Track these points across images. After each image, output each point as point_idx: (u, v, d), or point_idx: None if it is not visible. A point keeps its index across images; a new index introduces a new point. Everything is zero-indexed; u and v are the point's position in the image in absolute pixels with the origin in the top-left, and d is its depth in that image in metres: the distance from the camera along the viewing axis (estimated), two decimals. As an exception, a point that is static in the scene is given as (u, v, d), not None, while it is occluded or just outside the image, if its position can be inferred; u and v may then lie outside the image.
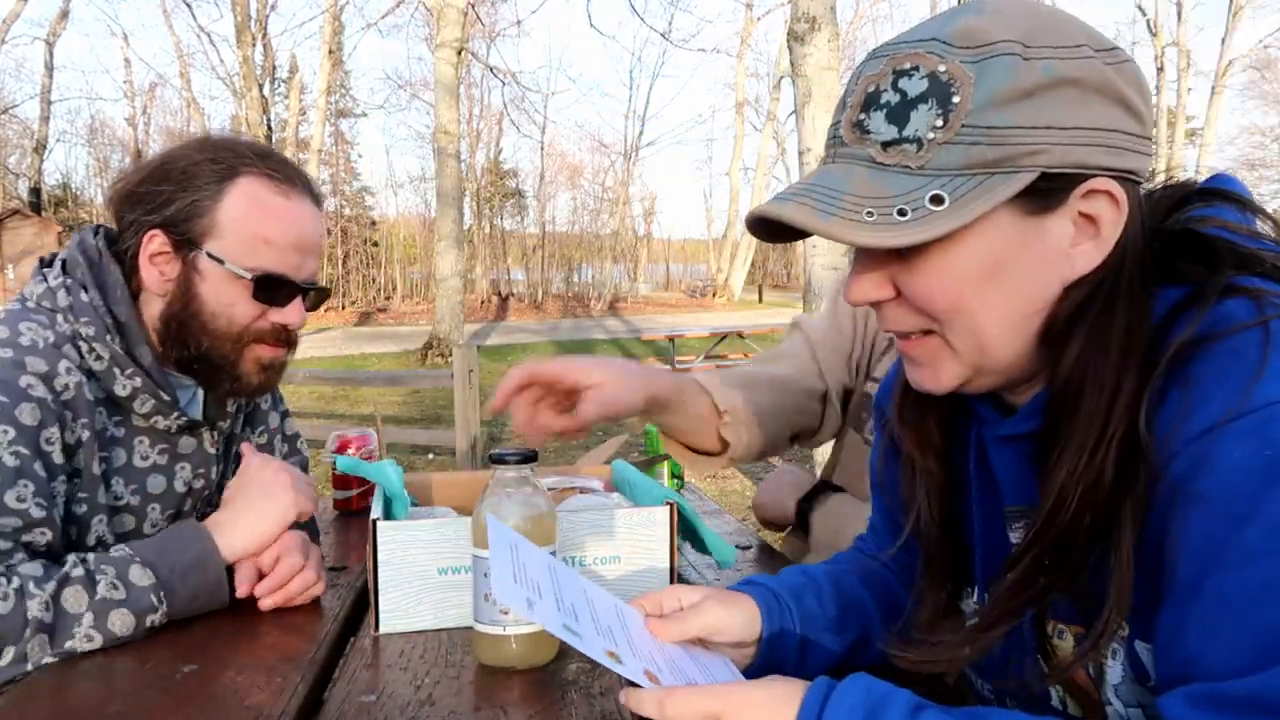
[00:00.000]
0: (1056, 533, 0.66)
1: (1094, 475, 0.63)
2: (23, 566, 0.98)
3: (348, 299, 25.38)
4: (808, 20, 5.81)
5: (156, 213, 1.14)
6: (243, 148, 1.19)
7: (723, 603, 0.84)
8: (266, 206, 1.16)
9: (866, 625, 0.91)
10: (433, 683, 0.90)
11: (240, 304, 1.16)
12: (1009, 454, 0.76)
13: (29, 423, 1.02)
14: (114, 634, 0.98)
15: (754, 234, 0.73)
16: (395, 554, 1.02)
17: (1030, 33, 0.63)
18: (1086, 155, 0.63)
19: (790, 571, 0.94)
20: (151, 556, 1.03)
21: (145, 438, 1.19)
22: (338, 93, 27.41)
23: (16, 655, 0.93)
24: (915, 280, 0.67)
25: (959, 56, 0.63)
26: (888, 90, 0.65)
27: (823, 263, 5.97)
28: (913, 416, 0.83)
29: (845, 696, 0.64)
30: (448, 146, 12.02)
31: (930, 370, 0.72)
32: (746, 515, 5.00)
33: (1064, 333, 0.67)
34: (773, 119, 29.03)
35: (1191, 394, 0.60)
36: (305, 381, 6.56)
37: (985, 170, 0.62)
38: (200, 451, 1.26)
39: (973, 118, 0.62)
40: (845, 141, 0.68)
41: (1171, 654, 0.60)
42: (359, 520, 1.55)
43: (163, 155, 1.19)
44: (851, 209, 0.64)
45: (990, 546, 0.80)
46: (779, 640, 0.86)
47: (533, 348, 15.53)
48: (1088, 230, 0.65)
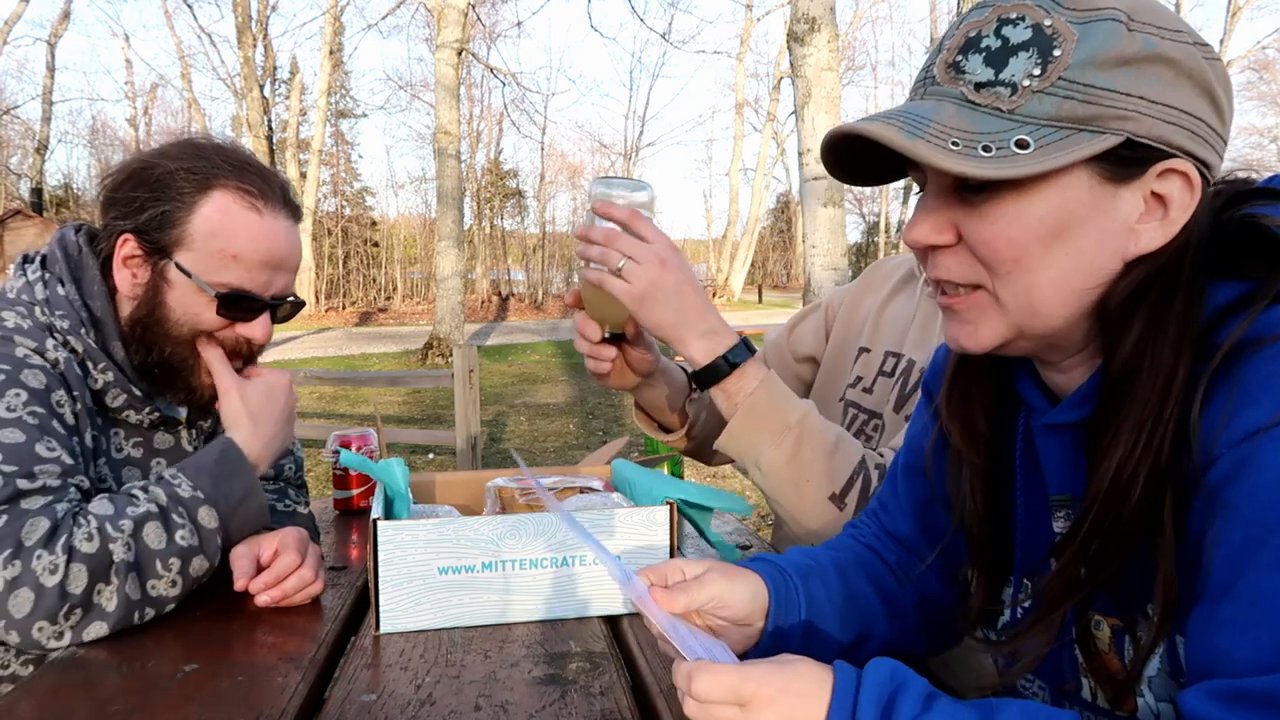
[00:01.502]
0: (1106, 518, 0.66)
1: (1149, 460, 0.63)
2: (94, 504, 1.02)
3: (348, 299, 25.40)
4: (807, 21, 5.81)
5: (131, 218, 1.14)
6: (220, 157, 1.18)
7: (726, 575, 0.82)
8: (237, 222, 1.15)
9: (870, 621, 0.90)
10: (433, 682, 0.90)
11: (204, 315, 1.17)
12: (1056, 442, 0.75)
13: (36, 385, 1.05)
14: (193, 580, 1.05)
15: (828, 166, 0.72)
16: (395, 554, 1.02)
17: (1135, 8, 0.64)
18: (1171, 134, 0.63)
19: (796, 553, 0.93)
20: (211, 492, 1.08)
21: (120, 430, 1.20)
22: (338, 93, 27.43)
23: (119, 598, 0.98)
24: (983, 226, 0.67)
25: (1066, 15, 0.64)
26: (989, 36, 0.66)
27: (822, 263, 5.97)
28: (959, 408, 0.83)
29: (873, 678, 0.63)
30: (448, 147, 12.02)
31: (972, 327, 0.72)
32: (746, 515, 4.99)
33: (1124, 314, 0.66)
34: (772, 119, 29.05)
35: (1237, 396, 0.59)
36: (305, 381, 6.55)
37: (1073, 125, 0.63)
38: (178, 449, 1.26)
39: (1070, 73, 0.63)
40: (938, 80, 0.68)
41: (1198, 652, 0.60)
42: (359, 520, 1.55)
43: (142, 159, 1.18)
44: (937, 136, 0.64)
45: (1031, 537, 0.79)
46: (784, 617, 0.84)
47: (533, 347, 15.53)
48: (1156, 210, 0.66)
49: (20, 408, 1.03)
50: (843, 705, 0.62)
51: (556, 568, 1.07)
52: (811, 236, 5.98)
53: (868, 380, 1.44)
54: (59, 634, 0.96)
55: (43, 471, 1.01)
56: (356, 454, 1.33)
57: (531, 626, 1.05)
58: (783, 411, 1.11)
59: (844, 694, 0.63)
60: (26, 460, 1.00)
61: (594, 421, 8.34)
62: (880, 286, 1.54)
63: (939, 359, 0.94)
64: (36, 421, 1.03)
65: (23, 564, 0.94)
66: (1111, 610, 0.72)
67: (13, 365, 1.05)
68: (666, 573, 0.82)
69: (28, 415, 1.03)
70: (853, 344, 1.52)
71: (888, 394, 1.38)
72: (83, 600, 0.96)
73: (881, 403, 1.39)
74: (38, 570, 0.94)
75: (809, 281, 6.04)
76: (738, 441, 1.13)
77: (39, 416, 1.04)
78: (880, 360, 1.44)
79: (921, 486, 0.93)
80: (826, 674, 0.64)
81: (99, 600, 0.98)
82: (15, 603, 0.94)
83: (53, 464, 1.02)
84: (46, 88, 23.93)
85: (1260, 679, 0.54)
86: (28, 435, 1.01)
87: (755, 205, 29.74)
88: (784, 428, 1.10)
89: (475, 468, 5.50)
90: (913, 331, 1.39)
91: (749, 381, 1.12)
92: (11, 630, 0.95)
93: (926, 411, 0.93)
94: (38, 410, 1.04)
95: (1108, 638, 0.73)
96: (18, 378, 1.04)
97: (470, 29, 13.36)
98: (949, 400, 0.84)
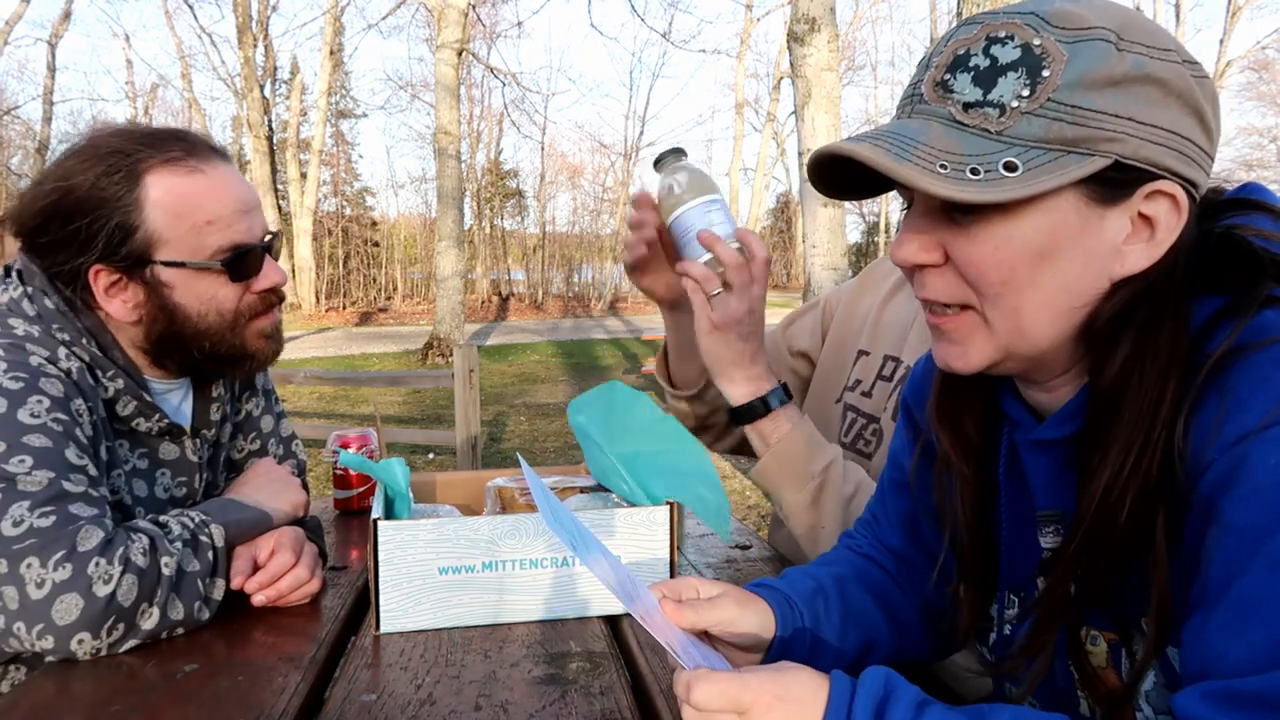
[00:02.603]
0: (1095, 538, 0.66)
1: (1137, 482, 0.63)
2: (142, 523, 1.02)
3: (348, 299, 25.39)
4: (807, 21, 5.81)
5: (86, 251, 1.07)
6: (126, 141, 1.09)
7: (739, 601, 0.83)
8: (190, 192, 1.09)
9: (873, 635, 0.90)
10: (433, 682, 0.90)
11: (220, 292, 1.13)
12: (1043, 458, 0.75)
13: (55, 394, 1.02)
14: (216, 603, 1.05)
15: (814, 182, 0.72)
16: (395, 554, 1.02)
17: (1124, 27, 0.64)
18: (1159, 155, 0.63)
19: (797, 574, 0.93)
20: (220, 514, 1.10)
21: (125, 441, 1.16)
22: (338, 93, 27.41)
23: (159, 615, 0.98)
24: (970, 248, 0.67)
25: (1055, 35, 0.64)
26: (978, 55, 0.66)
27: (822, 263, 5.97)
28: (949, 419, 0.82)
29: (868, 685, 0.64)
30: (448, 147, 12.02)
31: (961, 349, 0.72)
32: (746, 515, 5.00)
33: (1111, 334, 0.66)
34: (772, 119, 29.05)
35: (1230, 401, 0.60)
36: (305, 381, 6.55)
37: (1062, 147, 0.63)
38: (183, 460, 1.22)
39: (1059, 94, 0.62)
40: (926, 99, 0.68)
41: (1192, 655, 0.60)
42: (360, 520, 1.55)
43: (53, 188, 1.07)
44: (926, 158, 0.64)
45: (1018, 552, 0.79)
46: (790, 646, 0.85)
47: (533, 347, 15.52)
48: (1143, 231, 0.65)
49: (44, 414, 0.99)
50: (838, 711, 0.62)
51: (556, 568, 1.07)
52: (811, 236, 5.98)
53: (866, 384, 1.44)
54: (96, 649, 0.94)
55: (78, 480, 0.98)
56: (358, 455, 1.33)
57: (531, 626, 1.05)
58: (808, 460, 1.18)
59: (839, 700, 0.63)
60: (61, 466, 0.97)
61: (594, 421, 8.33)
62: (879, 286, 1.54)
63: (918, 373, 0.94)
64: (61, 429, 1.00)
65: (75, 568, 0.91)
66: (1108, 625, 0.72)
67: (30, 373, 1.01)
68: (680, 589, 0.82)
69: (52, 422, 0.99)
70: (851, 346, 1.52)
71: (885, 400, 1.38)
72: (128, 615, 0.94)
73: (879, 408, 1.39)
74: (93, 577, 0.92)
75: (809, 281, 6.04)
76: (765, 480, 1.20)
77: (63, 424, 1.00)
78: (879, 364, 1.44)
79: (907, 501, 0.93)
80: (823, 681, 0.65)
81: (140, 619, 0.96)
82: (60, 609, 0.91)
83: (82, 473, 0.99)
84: (47, 88, 23.91)
85: (1252, 679, 0.54)
86: (55, 442, 0.98)
87: (755, 205, 29.77)
88: (808, 476, 1.17)
89: (475, 468, 5.50)
90: (912, 336, 1.39)
91: (782, 425, 1.18)
92: (48, 636, 0.91)
93: (907, 428, 0.94)
94: (61, 418, 1.00)
95: (1104, 653, 0.72)
96: (37, 385, 1.01)
97: (470, 29, 13.36)
98: (939, 414, 0.83)
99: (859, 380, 1.46)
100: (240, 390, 1.38)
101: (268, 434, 1.41)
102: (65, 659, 0.94)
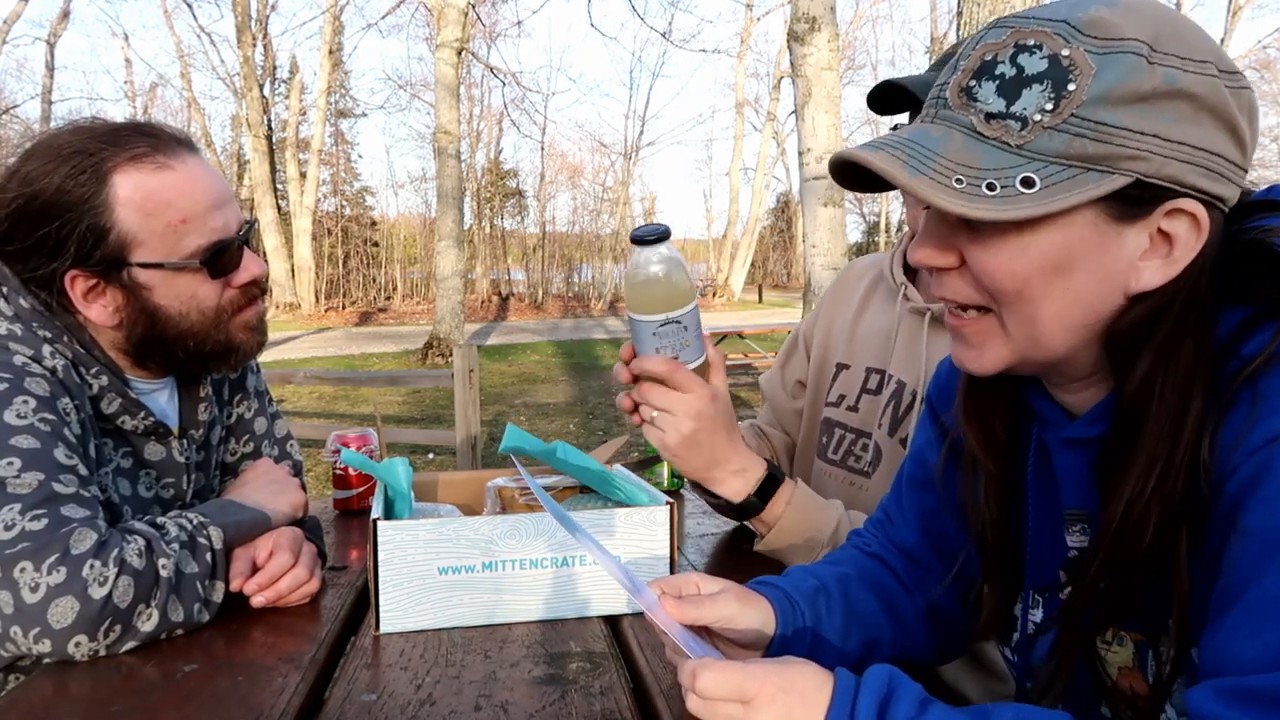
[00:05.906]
0: (1118, 555, 0.66)
1: (1160, 500, 0.63)
2: (138, 524, 1.01)
3: (348, 299, 25.38)
4: (808, 21, 5.80)
5: (59, 256, 1.04)
6: (89, 140, 1.05)
7: (740, 598, 0.83)
8: (160, 189, 1.06)
9: (875, 635, 0.90)
10: (433, 683, 0.90)
11: (200, 290, 1.11)
12: (1073, 457, 0.75)
13: (41, 393, 1.01)
14: (216, 605, 1.05)
15: (835, 177, 0.72)
16: (395, 554, 1.02)
17: (1160, 36, 0.62)
18: (1183, 173, 0.62)
19: (799, 573, 0.93)
20: (219, 515, 1.09)
21: (109, 440, 1.13)
22: (338, 93, 27.40)
23: (158, 617, 0.97)
24: (984, 256, 0.67)
25: (1085, 45, 0.62)
26: (1005, 62, 0.65)
27: (823, 263, 5.97)
28: (977, 416, 0.82)
29: (872, 681, 0.64)
30: (448, 146, 12.02)
31: (977, 352, 0.72)
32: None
33: (1131, 347, 0.66)
34: (772, 119, 29.03)
35: (1259, 407, 0.60)
36: (305, 381, 6.55)
37: (1082, 164, 0.62)
38: (169, 460, 1.20)
39: (1083, 109, 0.61)
40: (949, 104, 0.67)
41: (1209, 654, 0.60)
42: (359, 520, 1.55)
43: (16, 195, 1.04)
44: (941, 172, 0.64)
45: (1042, 550, 0.79)
46: (790, 644, 0.85)
47: (533, 347, 15.52)
48: (1161, 248, 0.65)
49: (30, 414, 0.98)
50: (842, 706, 0.63)
51: (556, 568, 1.06)
52: (812, 236, 5.98)
53: (851, 398, 1.44)
54: (94, 651, 0.93)
55: (69, 480, 0.97)
56: (360, 454, 1.33)
57: (531, 626, 1.05)
58: (809, 529, 1.20)
59: (843, 695, 0.63)
60: (50, 467, 0.96)
61: (594, 421, 8.34)
62: (850, 297, 1.54)
63: (944, 371, 0.94)
64: (49, 429, 0.98)
65: (70, 570, 0.91)
66: (1134, 626, 0.72)
67: (14, 373, 1.00)
68: (681, 585, 0.82)
69: (39, 422, 0.98)
70: (830, 361, 1.52)
71: (877, 414, 1.37)
72: (125, 616, 0.94)
73: (870, 422, 1.39)
74: (88, 579, 0.91)
75: (809, 281, 6.04)
76: (773, 552, 1.22)
77: (50, 424, 0.99)
78: (862, 378, 1.43)
79: (928, 498, 0.93)
80: (827, 676, 0.65)
81: (137, 621, 0.96)
82: (55, 612, 0.90)
83: (72, 474, 0.98)
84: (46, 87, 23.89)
85: (1264, 676, 0.54)
86: (43, 443, 0.97)
87: (755, 205, 29.74)
88: (815, 545, 1.20)
89: (475, 468, 5.50)
90: (898, 348, 1.38)
91: (778, 506, 1.20)
92: (45, 640, 0.90)
93: (932, 425, 0.93)
94: (48, 417, 0.99)
95: (1131, 653, 0.72)
96: (22, 385, 0.99)
97: (470, 28, 13.35)
98: (966, 411, 0.83)
99: (842, 395, 1.45)
100: (231, 393, 1.37)
101: (261, 436, 1.39)
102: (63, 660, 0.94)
